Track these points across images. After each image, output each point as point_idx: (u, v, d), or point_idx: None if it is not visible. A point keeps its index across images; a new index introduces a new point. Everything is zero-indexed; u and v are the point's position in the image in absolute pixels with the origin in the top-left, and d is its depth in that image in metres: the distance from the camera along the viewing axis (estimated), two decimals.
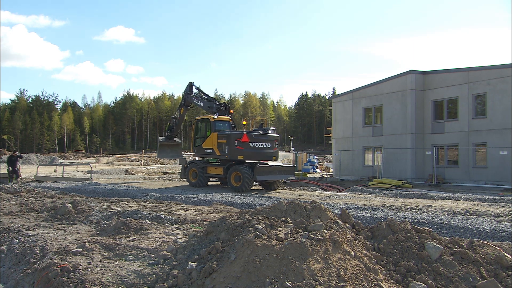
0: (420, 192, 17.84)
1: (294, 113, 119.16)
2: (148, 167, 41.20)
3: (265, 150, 18.52)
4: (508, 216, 10.20)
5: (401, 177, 25.26)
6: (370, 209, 11.79)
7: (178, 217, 8.95)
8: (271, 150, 18.68)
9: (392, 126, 27.52)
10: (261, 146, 18.37)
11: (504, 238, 7.90)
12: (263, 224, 5.44)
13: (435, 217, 10.12)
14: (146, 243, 6.44)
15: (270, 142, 18.65)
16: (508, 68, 22.57)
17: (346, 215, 6.38)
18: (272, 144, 18.72)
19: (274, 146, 18.82)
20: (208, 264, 4.88)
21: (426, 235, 5.38)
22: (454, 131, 25.11)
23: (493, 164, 22.85)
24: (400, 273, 4.74)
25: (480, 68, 24.12)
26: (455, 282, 4.53)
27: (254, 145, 18.15)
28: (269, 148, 18.62)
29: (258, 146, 18.29)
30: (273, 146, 18.79)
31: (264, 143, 18.44)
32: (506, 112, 22.48)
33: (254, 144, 18.16)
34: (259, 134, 18.49)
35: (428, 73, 26.81)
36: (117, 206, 11.44)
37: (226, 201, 13.64)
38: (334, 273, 4.33)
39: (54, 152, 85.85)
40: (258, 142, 18.28)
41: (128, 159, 62.65)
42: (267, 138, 18.59)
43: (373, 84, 29.17)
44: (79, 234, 7.74)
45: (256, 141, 18.23)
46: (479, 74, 23.96)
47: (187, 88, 21.95)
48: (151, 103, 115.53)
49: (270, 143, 18.64)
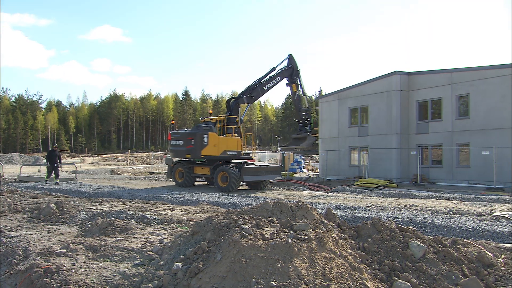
0: (405, 191, 18.05)
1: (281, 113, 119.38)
2: (134, 167, 40.87)
3: (179, 148, 19.39)
4: (490, 215, 10.39)
5: (387, 177, 25.52)
6: (356, 208, 11.89)
7: (164, 217, 8.91)
8: (183, 147, 19.19)
9: (377, 126, 27.78)
10: (176, 144, 19.45)
11: (486, 237, 8.04)
12: (249, 224, 5.44)
13: (419, 216, 10.25)
14: (132, 244, 6.39)
15: (183, 139, 19.24)
16: (490, 70, 22.98)
17: (331, 214, 6.42)
18: (185, 142, 19.09)
19: (188, 143, 19.00)
20: (194, 264, 4.87)
21: (410, 234, 5.45)
22: (438, 131, 25.46)
23: (476, 164, 23.23)
24: (385, 272, 4.79)
25: (463, 69, 24.50)
26: (438, 280, 4.60)
27: (173, 142, 19.60)
28: (182, 146, 19.25)
29: (175, 144, 19.57)
30: (186, 143, 19.03)
31: (177, 141, 19.43)
32: (489, 113, 22.88)
33: (173, 142, 19.62)
34: (175, 132, 19.89)
35: (412, 74, 27.14)
36: (102, 206, 11.33)
37: (213, 201, 13.61)
38: (320, 272, 4.36)
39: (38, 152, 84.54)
40: (174, 140, 19.59)
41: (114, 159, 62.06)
42: (180, 136, 19.48)
43: (359, 84, 29.41)
44: (63, 234, 7.64)
45: (174, 139, 19.61)
46: (462, 75, 24.33)
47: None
48: (137, 102, 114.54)
49: (183, 141, 19.20)
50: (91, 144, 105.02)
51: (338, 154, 29.88)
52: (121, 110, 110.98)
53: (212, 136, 18.86)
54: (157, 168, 39.69)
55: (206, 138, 18.83)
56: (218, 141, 18.92)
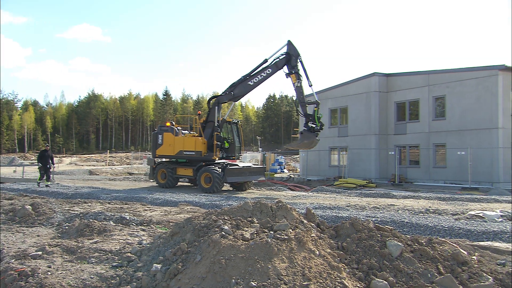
0: (383, 191, 18.31)
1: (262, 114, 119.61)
2: (113, 167, 40.31)
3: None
4: (465, 214, 10.64)
5: (366, 177, 25.85)
6: (335, 208, 12.01)
7: (144, 218, 8.83)
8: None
9: (357, 127, 28.13)
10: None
11: (461, 235, 8.24)
12: (229, 225, 5.44)
13: (397, 215, 10.43)
14: (110, 245, 6.31)
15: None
16: (465, 72, 23.55)
17: (311, 214, 6.47)
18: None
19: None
20: (173, 266, 4.85)
21: (388, 234, 5.54)
22: (415, 132, 25.94)
23: (452, 164, 23.76)
24: (363, 271, 4.85)
25: (439, 71, 25.03)
26: (415, 279, 4.69)
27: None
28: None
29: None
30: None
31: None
32: (464, 114, 23.44)
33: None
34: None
35: (391, 75, 27.59)
36: (80, 207, 11.16)
37: (193, 201, 13.54)
38: (299, 272, 4.39)
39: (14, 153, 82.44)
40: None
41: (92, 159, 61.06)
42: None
43: (339, 85, 29.72)
44: (39, 237, 7.49)
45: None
46: (439, 77, 24.86)
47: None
48: (116, 102, 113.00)
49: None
50: (69, 144, 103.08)
51: (318, 155, 30.11)
52: (100, 110, 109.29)
53: (167, 136, 19.20)
54: (137, 168, 39.25)
55: (161, 138, 19.39)
56: (174, 141, 19.03)
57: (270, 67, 17.57)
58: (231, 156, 19.41)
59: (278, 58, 17.39)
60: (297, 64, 16.97)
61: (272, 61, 17.52)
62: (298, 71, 16.90)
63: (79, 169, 36.75)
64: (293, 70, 17.00)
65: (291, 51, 17.16)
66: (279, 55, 17.41)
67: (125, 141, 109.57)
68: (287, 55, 17.18)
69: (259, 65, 17.87)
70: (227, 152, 19.28)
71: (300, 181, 27.41)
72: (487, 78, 22.46)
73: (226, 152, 19.19)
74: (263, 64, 17.77)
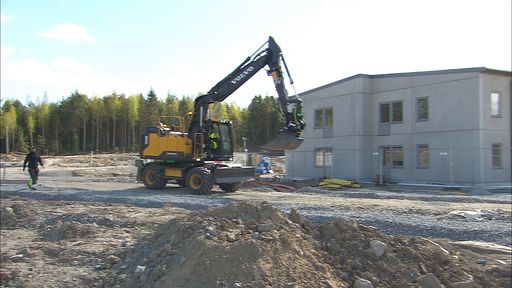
0: (367, 191, 18.50)
1: (247, 115, 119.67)
2: (97, 168, 39.83)
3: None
4: (447, 214, 10.82)
5: (350, 177, 26.06)
6: (320, 208, 12.08)
7: (128, 220, 8.75)
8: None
9: (341, 128, 28.35)
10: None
11: (443, 235, 8.38)
12: (214, 226, 5.43)
13: (381, 215, 10.54)
14: (93, 247, 6.24)
15: None
16: (447, 74, 23.95)
17: (296, 215, 6.50)
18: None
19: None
20: (158, 267, 4.81)
21: (372, 234, 5.60)
22: (399, 133, 26.26)
23: (434, 165, 24.11)
24: (347, 271, 4.89)
25: (422, 73, 25.41)
26: (398, 278, 4.74)
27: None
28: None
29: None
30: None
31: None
32: (446, 115, 23.82)
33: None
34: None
35: (375, 77, 27.89)
36: (62, 209, 11.01)
37: (178, 202, 13.48)
38: (284, 272, 4.41)
39: None
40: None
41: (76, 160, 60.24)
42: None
43: (324, 87, 29.93)
44: (20, 239, 7.36)
45: None
46: (422, 79, 25.23)
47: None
48: (100, 103, 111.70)
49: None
50: (52, 145, 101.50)
51: (303, 155, 30.26)
52: (83, 110, 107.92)
53: (152, 137, 19.13)
54: (121, 169, 38.86)
55: (147, 139, 19.31)
56: (158, 142, 18.95)
57: (251, 65, 17.28)
58: (219, 157, 19.03)
59: (259, 55, 17.08)
60: (278, 61, 16.53)
61: (254, 59, 17.23)
62: (279, 68, 16.46)
63: (62, 170, 36.21)
64: (274, 67, 16.54)
65: (272, 48, 16.78)
66: (260, 52, 17.12)
67: (110, 142, 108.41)
68: (268, 51, 16.82)
69: (242, 64, 17.60)
70: (215, 152, 18.97)
71: (285, 181, 27.48)
72: (468, 80, 22.87)
73: (214, 153, 18.91)
74: (246, 62, 17.48)
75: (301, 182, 26.74)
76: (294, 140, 16.16)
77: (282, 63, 16.60)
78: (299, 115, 16.26)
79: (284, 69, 16.58)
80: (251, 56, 17.35)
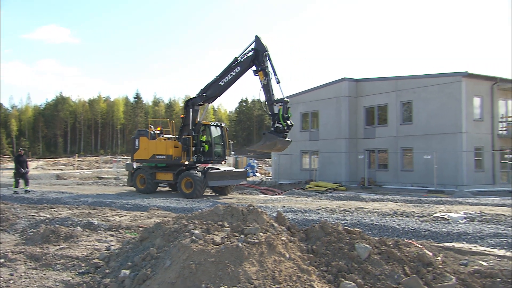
0: (353, 194, 18.63)
1: (234, 118, 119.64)
2: (82, 171, 39.35)
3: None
4: (430, 216, 10.96)
5: (336, 180, 26.21)
6: (306, 211, 12.13)
7: (112, 224, 8.67)
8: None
9: (327, 131, 28.54)
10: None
11: (427, 237, 8.48)
12: (200, 229, 5.41)
13: (366, 218, 10.63)
14: (77, 251, 6.16)
15: None
16: (430, 78, 24.33)
17: (282, 218, 6.52)
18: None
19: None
20: (142, 271, 4.78)
21: (356, 236, 5.65)
22: (384, 136, 26.54)
23: (419, 168, 24.42)
24: (332, 273, 4.92)
25: (406, 77, 25.77)
26: (382, 280, 4.79)
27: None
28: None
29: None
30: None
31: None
32: (429, 119, 24.17)
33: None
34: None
35: (360, 80, 28.17)
36: (46, 213, 10.85)
37: (164, 206, 13.39)
38: (269, 275, 4.41)
39: None
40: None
41: (60, 163, 59.42)
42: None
43: (310, 90, 30.11)
44: (1, 244, 7.23)
45: None
46: (406, 83, 25.57)
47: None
48: (85, 105, 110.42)
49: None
50: (36, 148, 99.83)
51: (290, 158, 30.35)
52: (68, 112, 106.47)
53: (142, 140, 18.89)
54: (107, 172, 38.43)
55: (137, 142, 19.02)
56: (148, 145, 18.66)
57: (238, 65, 17.06)
58: (210, 160, 18.53)
59: (246, 55, 16.87)
60: (264, 60, 16.28)
61: (241, 59, 17.02)
62: (266, 68, 16.20)
63: (46, 174, 35.64)
64: (260, 67, 16.29)
65: (258, 47, 16.56)
66: (247, 52, 16.93)
67: (95, 145, 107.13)
68: (254, 51, 16.60)
69: (230, 64, 17.41)
70: (205, 156, 18.46)
71: (272, 184, 27.51)
72: (451, 84, 23.25)
73: (205, 156, 18.41)
74: (234, 63, 17.27)
75: (287, 185, 26.81)
76: (280, 141, 15.84)
77: (269, 63, 16.33)
78: (285, 115, 15.91)
79: (271, 69, 16.29)
80: (238, 57, 17.15)
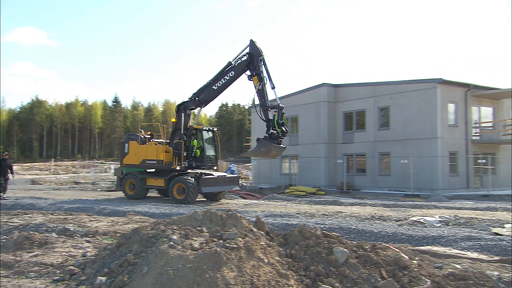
0: (332, 198, 18.80)
1: (214, 122, 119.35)
2: (58, 176, 38.54)
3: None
4: (407, 220, 11.16)
5: (315, 185, 26.42)
6: (286, 216, 12.17)
7: (89, 230, 8.52)
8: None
9: (307, 135, 28.77)
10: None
11: (403, 241, 8.62)
12: (178, 234, 5.37)
13: (344, 222, 10.73)
14: (51, 258, 6.03)
15: None
16: (407, 84, 24.84)
17: (261, 222, 6.53)
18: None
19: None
20: (119, 278, 4.71)
21: (335, 240, 5.69)
22: (362, 141, 26.91)
23: (396, 172, 24.84)
24: (310, 278, 4.95)
25: (384, 83, 26.25)
26: (359, 284, 4.84)
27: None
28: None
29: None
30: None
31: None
32: (406, 124, 24.65)
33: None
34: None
35: (339, 86, 28.54)
36: (19, 219, 10.57)
37: (142, 211, 13.23)
38: (248, 280, 4.41)
39: None
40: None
41: (35, 168, 58.07)
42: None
43: (290, 95, 30.29)
44: None
45: None
46: (383, 89, 26.04)
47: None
48: (62, 109, 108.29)
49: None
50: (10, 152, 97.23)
51: (270, 163, 30.42)
52: (44, 116, 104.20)
53: (132, 145, 18.47)
54: (84, 177, 37.75)
55: (127, 147, 18.56)
56: (138, 150, 18.21)
57: (232, 70, 16.76)
58: (201, 165, 18.18)
59: (240, 59, 16.53)
60: (259, 65, 15.94)
61: (235, 63, 16.69)
62: (261, 72, 15.89)
63: (20, 179, 34.69)
64: (255, 72, 15.97)
65: (253, 51, 16.22)
66: (241, 56, 16.56)
67: (72, 149, 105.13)
68: (249, 55, 16.25)
69: (224, 68, 17.08)
70: (197, 161, 18.11)
71: (252, 189, 27.53)
72: (427, 90, 23.79)
73: (196, 161, 18.07)
74: (228, 67, 16.94)
75: (267, 189, 26.87)
76: (275, 148, 15.70)
77: (264, 68, 16.02)
78: (280, 121, 15.66)
79: (266, 74, 15.99)
80: (232, 61, 16.83)
